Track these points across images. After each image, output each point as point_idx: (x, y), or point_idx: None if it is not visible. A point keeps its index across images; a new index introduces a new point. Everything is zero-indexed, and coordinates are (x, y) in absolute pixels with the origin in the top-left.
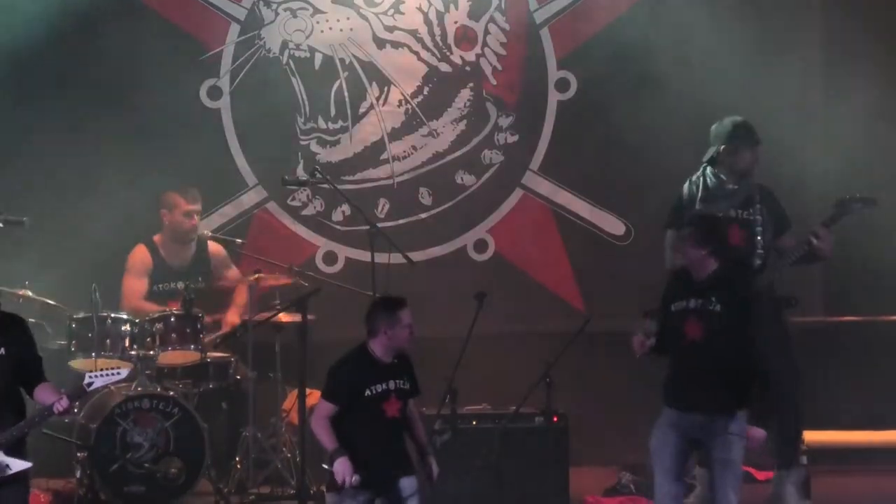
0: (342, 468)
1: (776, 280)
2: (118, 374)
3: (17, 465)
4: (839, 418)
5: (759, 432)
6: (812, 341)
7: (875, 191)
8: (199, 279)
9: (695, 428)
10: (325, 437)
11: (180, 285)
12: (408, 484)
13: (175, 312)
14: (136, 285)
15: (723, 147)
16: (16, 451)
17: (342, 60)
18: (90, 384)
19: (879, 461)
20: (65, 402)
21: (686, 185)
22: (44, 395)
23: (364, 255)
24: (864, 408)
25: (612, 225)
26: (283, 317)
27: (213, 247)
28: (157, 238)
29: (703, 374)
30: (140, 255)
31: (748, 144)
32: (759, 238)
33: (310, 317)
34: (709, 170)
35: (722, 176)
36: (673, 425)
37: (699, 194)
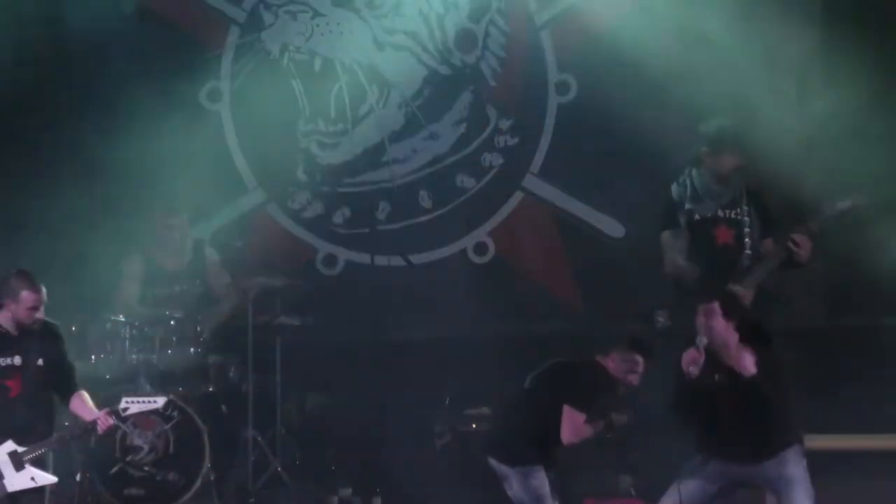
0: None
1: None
2: (154, 402)
3: (42, 478)
4: (841, 422)
5: None
6: (814, 345)
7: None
8: (197, 283)
9: (741, 474)
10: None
11: (176, 289)
12: None
13: (174, 315)
14: (130, 289)
15: (705, 150)
16: (40, 462)
17: (342, 63)
18: (126, 409)
19: (882, 465)
20: (110, 421)
21: (675, 187)
22: (79, 407)
23: (364, 258)
24: (866, 412)
25: (612, 227)
26: (283, 319)
27: (210, 251)
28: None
29: (741, 432)
30: (133, 261)
31: (730, 149)
32: (746, 239)
33: (309, 319)
34: (694, 171)
35: (707, 177)
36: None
37: (688, 194)
